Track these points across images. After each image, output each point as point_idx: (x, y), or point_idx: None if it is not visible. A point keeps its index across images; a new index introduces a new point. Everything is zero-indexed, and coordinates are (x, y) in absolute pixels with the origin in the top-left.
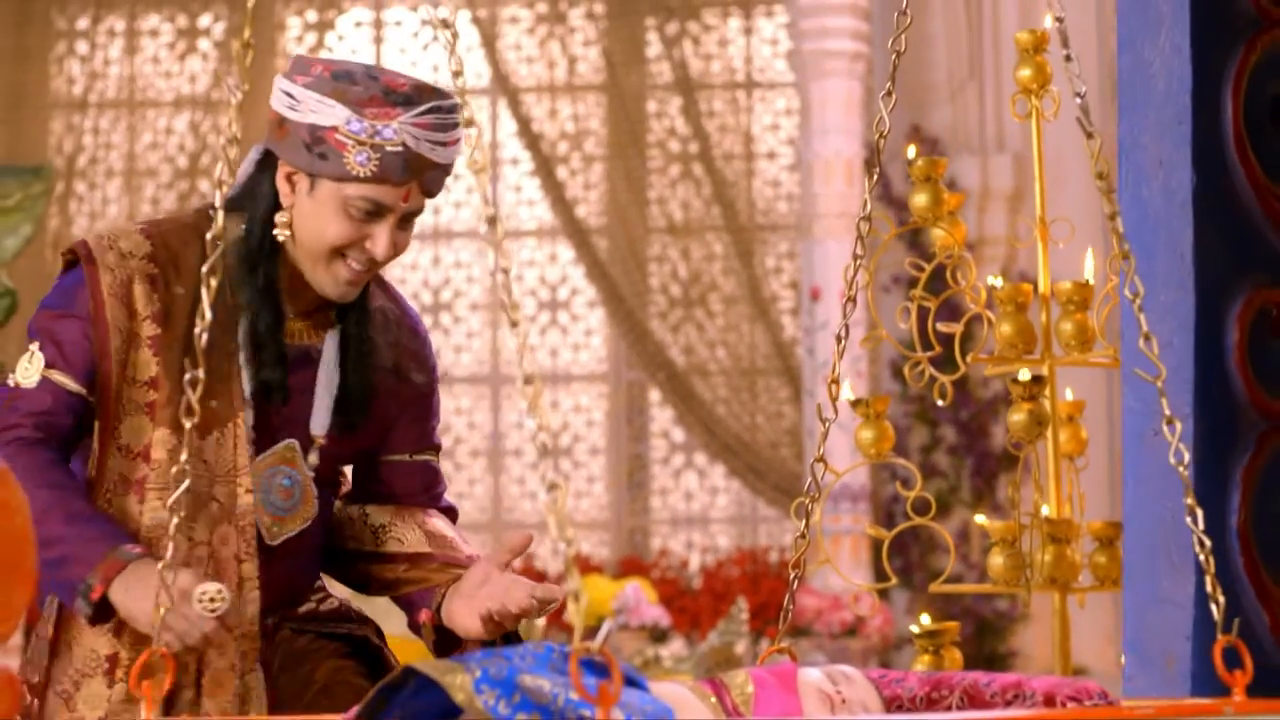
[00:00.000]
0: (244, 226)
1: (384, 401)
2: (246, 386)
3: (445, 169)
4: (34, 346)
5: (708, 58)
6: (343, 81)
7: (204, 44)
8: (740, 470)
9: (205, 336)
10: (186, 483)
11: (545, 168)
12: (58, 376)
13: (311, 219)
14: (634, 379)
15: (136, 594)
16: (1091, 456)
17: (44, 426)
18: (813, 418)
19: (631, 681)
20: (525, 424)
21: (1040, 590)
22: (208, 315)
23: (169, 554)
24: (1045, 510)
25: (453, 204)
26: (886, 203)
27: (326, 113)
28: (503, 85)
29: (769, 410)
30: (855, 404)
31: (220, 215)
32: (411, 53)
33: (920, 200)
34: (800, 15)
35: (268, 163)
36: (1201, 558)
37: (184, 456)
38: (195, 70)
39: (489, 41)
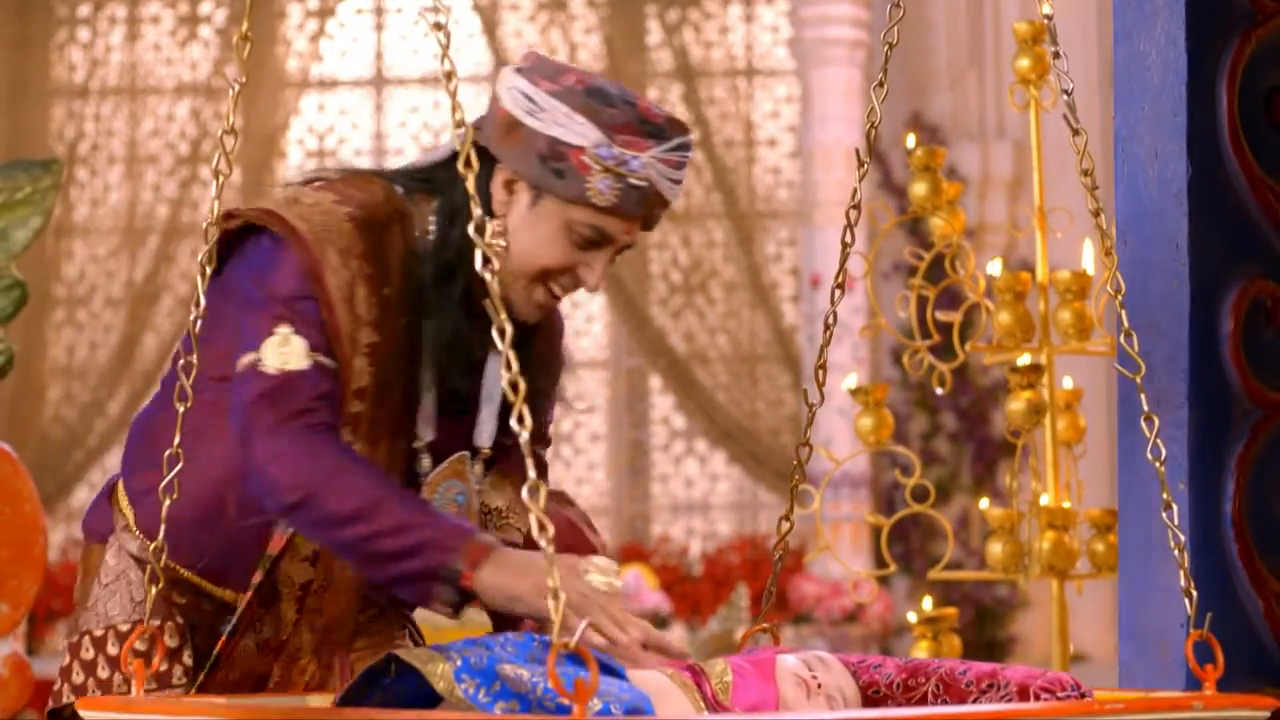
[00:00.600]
0: (441, 225)
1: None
2: (428, 397)
3: (667, 205)
4: (284, 329)
5: (708, 45)
6: (596, 100)
7: (205, 31)
8: (741, 457)
9: (200, 324)
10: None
11: None
12: (325, 360)
13: (527, 235)
14: (634, 365)
15: (514, 571)
16: (1090, 444)
17: (336, 410)
18: None
19: (609, 669)
20: (512, 425)
21: (1039, 577)
22: (203, 303)
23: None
24: (1044, 498)
25: None
26: (887, 190)
27: (575, 130)
28: None
29: (769, 397)
30: (855, 392)
31: (217, 204)
32: (412, 40)
33: (919, 189)
34: (801, 3)
35: (479, 157)
36: (1176, 552)
37: (176, 441)
38: (196, 57)
39: (490, 29)
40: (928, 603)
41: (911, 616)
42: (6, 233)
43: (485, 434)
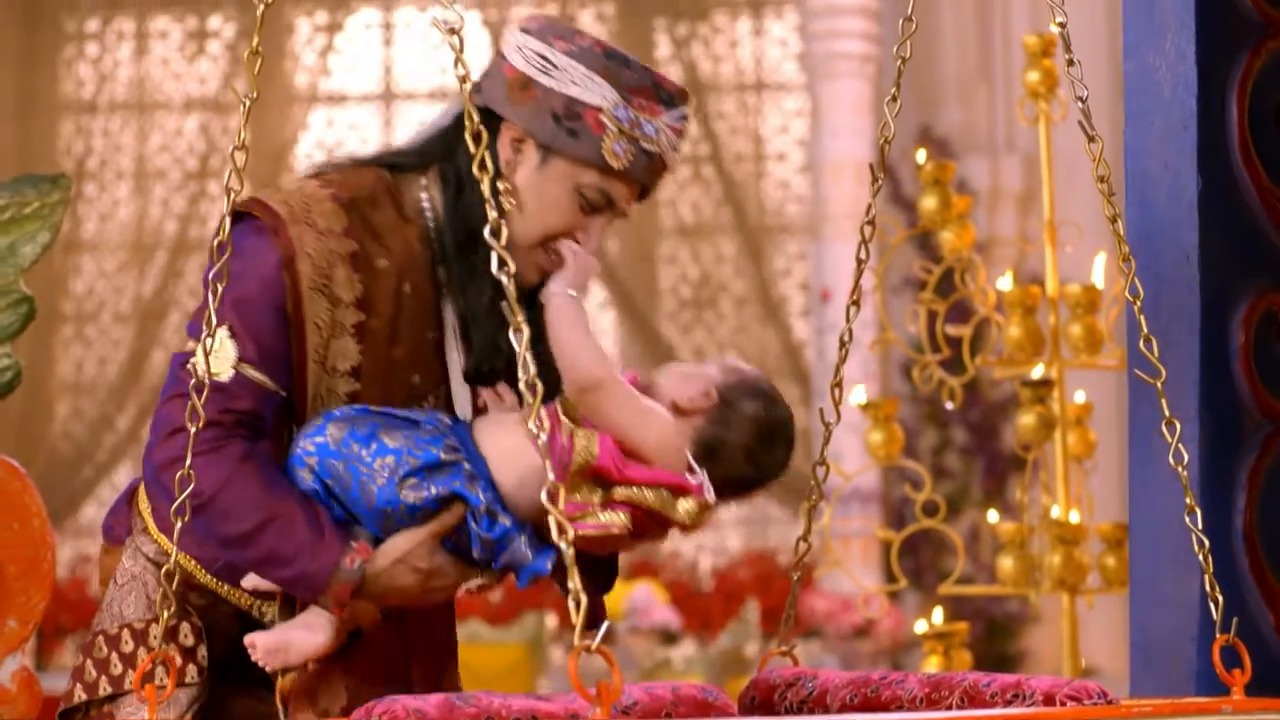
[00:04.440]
0: (449, 194)
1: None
2: (456, 368)
3: (665, 175)
4: (223, 333)
5: (717, 59)
6: (615, 62)
7: (214, 46)
8: None
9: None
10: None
11: None
12: (254, 374)
13: (533, 197)
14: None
15: (382, 591)
16: (1100, 458)
17: (246, 424)
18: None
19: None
20: (530, 427)
21: (1049, 592)
22: (214, 322)
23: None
24: (1055, 512)
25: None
26: (896, 204)
27: (594, 90)
28: None
29: None
30: (865, 407)
31: (228, 221)
32: (422, 54)
33: (929, 203)
34: (810, 17)
35: (482, 120)
36: (1200, 557)
37: (187, 463)
38: (205, 72)
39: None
40: (938, 615)
41: (921, 626)
42: (14, 248)
43: (509, 403)
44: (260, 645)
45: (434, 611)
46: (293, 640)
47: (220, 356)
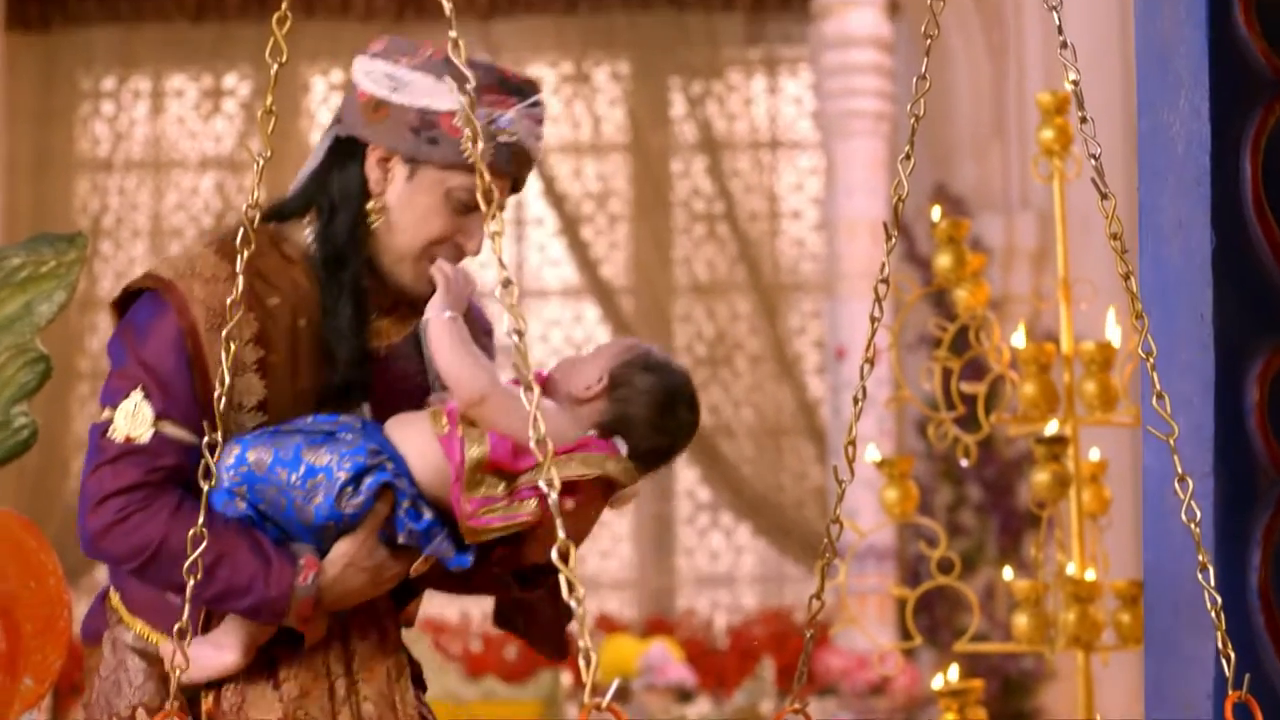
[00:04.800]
0: (321, 223)
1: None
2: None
3: (533, 165)
4: (136, 395)
5: (732, 117)
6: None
7: (229, 104)
8: (766, 529)
9: (224, 401)
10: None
11: (570, 227)
12: (172, 430)
13: (409, 210)
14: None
15: (341, 597)
16: (1115, 515)
17: (173, 479)
18: None
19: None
20: (540, 484)
21: (1065, 649)
22: (227, 380)
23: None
24: (1070, 569)
25: (477, 262)
26: (911, 262)
27: (443, 96)
28: None
29: (794, 469)
30: (880, 464)
31: (240, 280)
32: None
33: (944, 261)
34: (824, 75)
35: (347, 150)
36: (1213, 614)
37: (200, 520)
38: (220, 131)
39: None
40: (954, 673)
41: (937, 683)
42: (31, 307)
43: None
44: (167, 659)
45: (376, 619)
46: (199, 657)
47: (138, 419)
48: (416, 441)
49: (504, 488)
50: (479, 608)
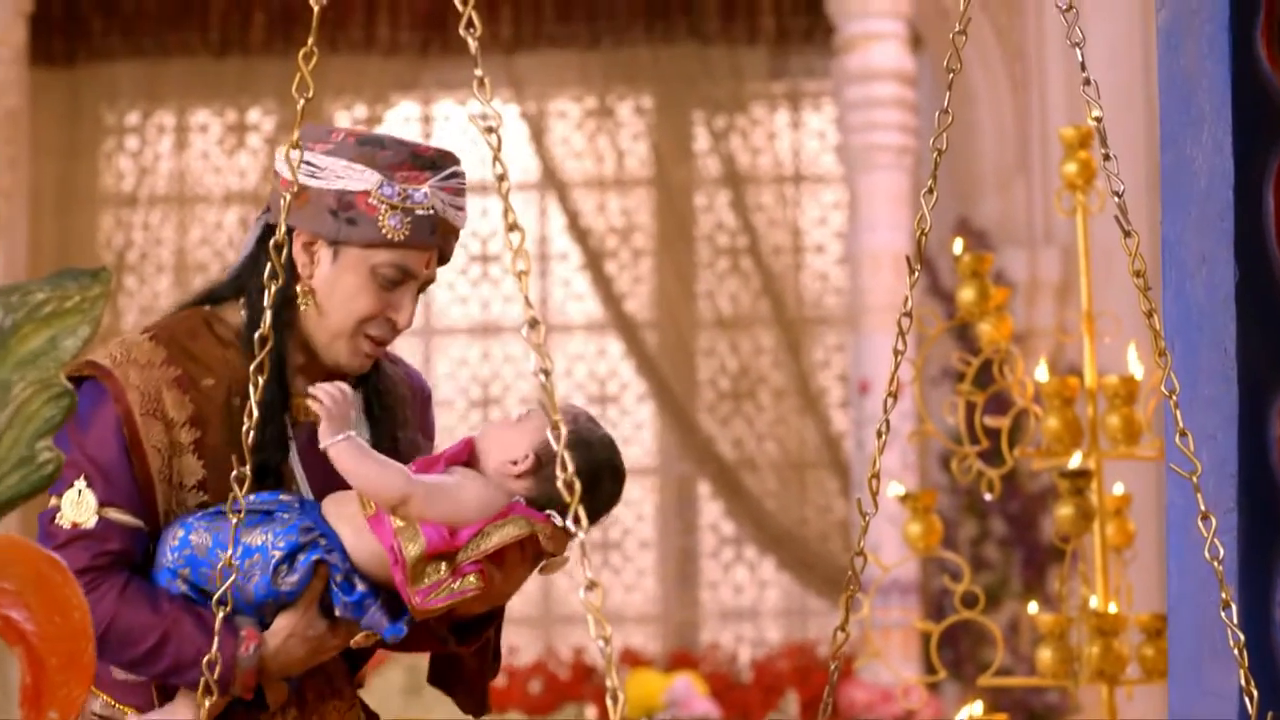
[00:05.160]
0: (249, 307)
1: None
2: (299, 472)
3: (458, 234)
4: (80, 484)
5: (755, 151)
6: (370, 146)
7: (254, 139)
8: (790, 563)
9: (253, 435)
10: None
11: (594, 262)
12: (115, 515)
13: (336, 291)
14: (683, 472)
15: (285, 667)
16: (1140, 548)
17: (119, 563)
18: None
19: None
20: (566, 524)
21: (1088, 683)
22: (254, 414)
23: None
24: (1094, 603)
25: (501, 298)
26: (935, 296)
27: (356, 178)
28: (551, 179)
29: (818, 503)
30: (903, 498)
31: (268, 315)
32: (460, 147)
33: (967, 295)
34: (848, 109)
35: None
36: (1236, 651)
37: (229, 552)
38: (245, 165)
39: (537, 136)
40: (978, 706)
41: (961, 717)
42: (55, 341)
43: None
44: None
45: (329, 680)
46: None
47: (83, 507)
48: (350, 522)
49: (446, 567)
50: (503, 641)
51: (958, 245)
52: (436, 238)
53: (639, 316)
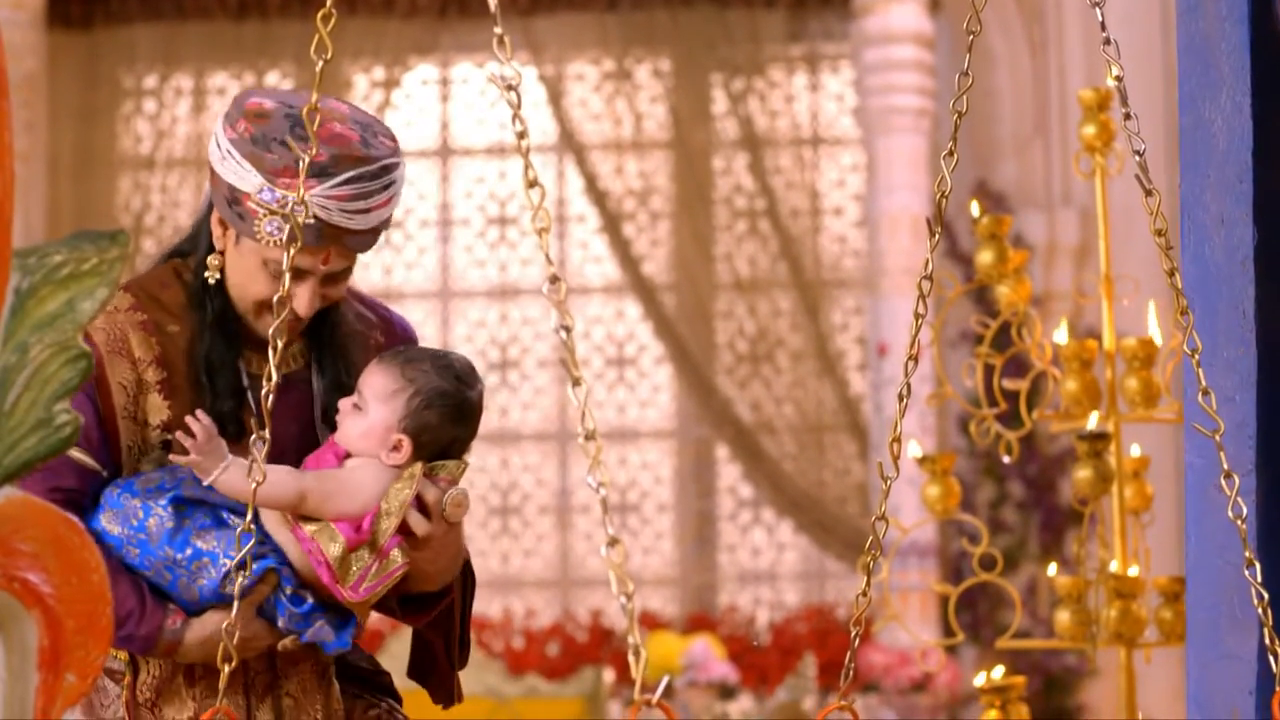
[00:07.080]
0: (195, 265)
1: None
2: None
3: (369, 232)
4: None
5: (774, 114)
6: (259, 147)
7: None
8: (808, 526)
9: (271, 399)
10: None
11: (612, 224)
12: (76, 454)
13: (238, 272)
14: (701, 435)
15: (204, 650)
16: (1158, 511)
17: (72, 502)
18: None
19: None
20: (588, 481)
21: (1106, 645)
22: (274, 376)
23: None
24: (1112, 566)
25: (519, 260)
26: (953, 259)
27: (243, 177)
28: (569, 142)
29: (836, 466)
30: (922, 461)
31: (287, 278)
32: (478, 109)
33: (985, 257)
34: (866, 72)
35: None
36: (1260, 611)
37: (249, 517)
38: None
39: (555, 98)
40: (997, 670)
41: (979, 680)
42: (73, 304)
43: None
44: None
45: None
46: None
47: None
48: (280, 530)
49: (368, 553)
50: (521, 604)
51: (976, 208)
52: (324, 241)
53: (657, 279)
